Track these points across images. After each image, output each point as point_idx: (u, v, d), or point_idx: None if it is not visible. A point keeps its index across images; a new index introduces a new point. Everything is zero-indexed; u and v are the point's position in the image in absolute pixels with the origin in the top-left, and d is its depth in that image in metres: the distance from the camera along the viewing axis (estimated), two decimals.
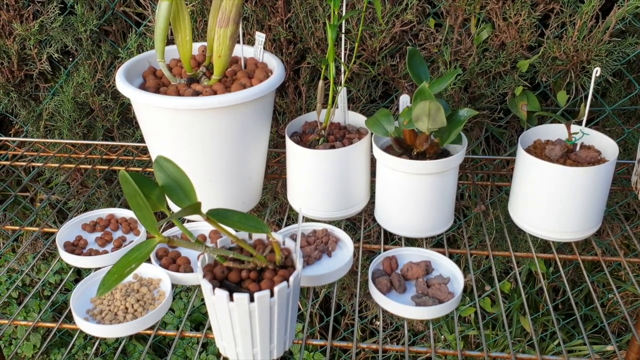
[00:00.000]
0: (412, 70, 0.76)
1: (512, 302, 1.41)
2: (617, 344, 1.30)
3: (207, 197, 0.78)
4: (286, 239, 0.61)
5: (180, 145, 0.74)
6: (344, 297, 1.44)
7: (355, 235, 1.24)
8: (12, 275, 1.58)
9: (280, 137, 1.14)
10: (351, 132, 0.84)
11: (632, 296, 1.39)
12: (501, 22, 0.96)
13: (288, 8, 1.00)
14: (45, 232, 0.98)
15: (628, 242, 1.27)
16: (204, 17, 1.02)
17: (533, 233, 0.79)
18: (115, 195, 1.24)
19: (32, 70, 1.14)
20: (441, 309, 0.67)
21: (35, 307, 1.59)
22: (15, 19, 1.08)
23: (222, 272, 0.57)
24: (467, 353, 0.69)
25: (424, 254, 0.76)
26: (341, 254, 0.77)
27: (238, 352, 0.59)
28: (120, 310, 0.69)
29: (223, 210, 0.52)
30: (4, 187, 1.36)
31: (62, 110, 1.15)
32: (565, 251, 1.20)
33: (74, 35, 1.09)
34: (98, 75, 1.12)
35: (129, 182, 0.46)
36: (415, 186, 0.75)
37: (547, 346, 1.43)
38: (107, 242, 0.81)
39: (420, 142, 0.75)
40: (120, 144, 1.09)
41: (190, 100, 0.70)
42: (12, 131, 1.28)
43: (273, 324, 0.57)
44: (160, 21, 0.73)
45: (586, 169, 0.71)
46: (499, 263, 1.30)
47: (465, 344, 1.51)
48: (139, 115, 0.78)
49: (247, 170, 0.81)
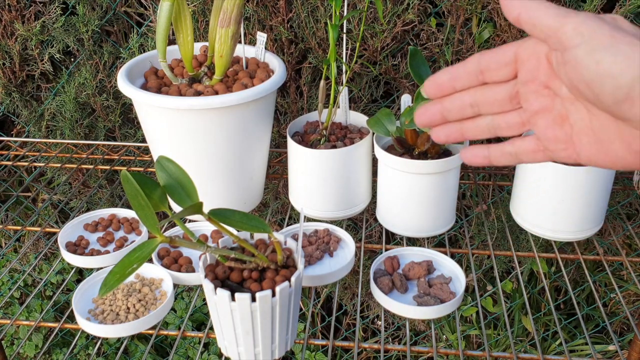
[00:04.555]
0: (413, 70, 0.76)
1: (513, 301, 1.41)
2: (619, 343, 1.30)
3: (208, 197, 0.78)
4: (288, 238, 0.61)
5: (181, 145, 0.74)
6: (346, 297, 1.44)
7: (356, 235, 1.24)
8: (14, 275, 1.59)
9: (281, 137, 1.14)
10: (353, 132, 0.84)
11: (634, 296, 1.39)
12: (503, 22, 0.96)
13: (289, 8, 1.00)
14: (47, 232, 0.98)
15: (630, 242, 1.27)
16: (205, 17, 1.03)
17: (535, 233, 0.79)
18: (117, 195, 1.24)
19: (34, 70, 1.14)
20: (443, 308, 0.67)
21: (37, 307, 1.59)
22: (17, 19, 1.08)
23: (224, 272, 0.57)
24: (469, 353, 0.69)
25: (426, 253, 0.76)
26: (343, 253, 0.77)
27: (240, 351, 0.59)
28: (122, 310, 0.69)
29: (225, 210, 0.52)
30: (6, 188, 1.36)
31: (63, 110, 1.15)
32: (567, 251, 1.20)
33: (76, 35, 1.09)
34: (100, 75, 1.12)
35: (131, 182, 0.46)
36: (417, 186, 0.75)
37: (549, 346, 1.43)
38: (109, 242, 0.81)
39: (421, 142, 0.75)
40: (122, 144, 1.09)
41: (192, 100, 0.70)
42: (14, 131, 1.28)
43: (275, 324, 0.57)
44: (162, 21, 0.73)
45: (588, 168, 0.71)
46: (500, 263, 1.30)
47: (467, 343, 1.51)
48: (140, 116, 0.78)
49: (249, 170, 0.81)
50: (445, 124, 0.42)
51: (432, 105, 0.42)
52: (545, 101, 0.38)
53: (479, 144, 0.42)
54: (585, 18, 0.34)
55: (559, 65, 0.35)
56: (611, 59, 0.32)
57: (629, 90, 0.31)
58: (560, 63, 0.35)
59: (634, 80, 0.31)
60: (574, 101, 0.37)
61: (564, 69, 0.35)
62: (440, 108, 0.41)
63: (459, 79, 0.40)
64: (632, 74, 0.31)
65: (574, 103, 0.37)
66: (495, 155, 0.42)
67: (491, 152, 0.42)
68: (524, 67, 0.38)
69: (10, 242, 0.95)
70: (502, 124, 0.41)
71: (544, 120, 0.38)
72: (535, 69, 0.37)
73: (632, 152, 0.35)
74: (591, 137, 0.36)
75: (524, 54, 0.38)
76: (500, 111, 0.40)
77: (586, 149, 0.37)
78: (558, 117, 0.38)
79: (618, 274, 1.37)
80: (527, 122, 0.40)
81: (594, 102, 0.34)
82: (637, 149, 0.35)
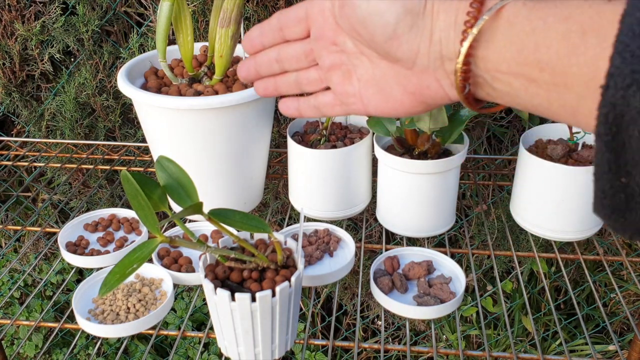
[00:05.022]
0: None
1: (513, 301, 1.41)
2: (619, 343, 1.30)
3: (208, 197, 0.78)
4: (288, 238, 0.61)
5: (181, 145, 0.74)
6: (346, 297, 1.44)
7: (356, 235, 1.24)
8: (14, 275, 1.59)
9: (281, 136, 1.14)
10: (353, 132, 0.84)
11: (634, 296, 1.39)
12: None
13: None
14: (47, 232, 0.98)
15: (630, 242, 1.27)
16: (205, 17, 1.02)
17: (535, 232, 0.79)
18: (117, 195, 1.24)
19: (34, 70, 1.14)
20: (443, 308, 0.67)
21: (37, 307, 1.59)
22: (17, 19, 1.08)
23: (224, 272, 0.57)
24: (469, 353, 0.69)
25: (426, 253, 0.76)
26: (343, 253, 0.77)
27: (240, 351, 0.59)
28: (122, 310, 0.69)
29: (225, 210, 0.52)
30: (6, 188, 1.36)
31: (63, 110, 1.15)
32: (567, 251, 1.20)
33: (76, 35, 1.09)
34: (100, 75, 1.12)
35: (131, 182, 0.46)
36: (417, 186, 0.75)
37: (549, 346, 1.43)
38: (109, 242, 0.81)
39: (421, 142, 0.75)
40: (122, 144, 1.09)
41: (192, 100, 0.70)
42: (14, 131, 1.28)
43: (275, 324, 0.57)
44: (162, 21, 0.73)
45: (588, 168, 0.71)
46: (500, 263, 1.30)
47: (467, 343, 1.51)
48: (140, 116, 0.78)
49: (249, 170, 0.81)
50: (262, 79, 0.46)
51: (248, 60, 0.45)
52: (334, 58, 0.41)
53: (293, 97, 0.46)
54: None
55: (339, 11, 0.38)
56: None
57: (394, 27, 0.35)
58: (339, 8, 0.38)
59: (398, 16, 0.34)
60: (358, 55, 0.40)
61: (342, 13, 0.38)
62: (253, 63, 0.45)
63: (265, 35, 0.44)
64: (396, 10, 0.34)
65: (359, 57, 0.40)
66: (304, 108, 0.45)
67: (300, 104, 0.46)
68: (314, 24, 0.41)
69: (10, 242, 0.94)
70: (304, 80, 0.44)
71: (336, 76, 0.42)
72: (322, 25, 0.40)
73: (408, 94, 0.38)
74: (375, 87, 0.40)
75: (312, 11, 0.41)
76: (300, 67, 0.44)
77: (372, 99, 0.40)
78: (347, 72, 0.41)
79: (618, 274, 1.37)
80: (325, 78, 0.43)
81: (371, 43, 0.37)
82: (412, 90, 0.37)
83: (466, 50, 0.33)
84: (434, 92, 0.37)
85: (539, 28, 0.30)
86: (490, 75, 0.33)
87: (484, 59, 0.33)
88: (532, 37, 0.30)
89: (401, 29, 0.34)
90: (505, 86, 0.33)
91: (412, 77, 0.37)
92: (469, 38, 0.33)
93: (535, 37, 0.30)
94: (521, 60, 0.31)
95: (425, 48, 0.35)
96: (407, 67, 0.36)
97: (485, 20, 0.32)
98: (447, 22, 0.34)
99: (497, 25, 0.32)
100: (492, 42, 0.32)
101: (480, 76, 0.34)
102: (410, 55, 0.35)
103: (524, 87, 0.32)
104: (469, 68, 0.34)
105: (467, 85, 0.34)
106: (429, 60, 0.35)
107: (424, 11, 0.34)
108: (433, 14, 0.34)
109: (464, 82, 0.34)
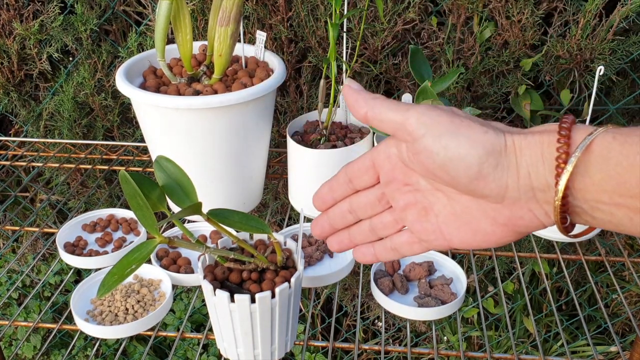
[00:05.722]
0: (414, 69, 0.76)
1: (515, 302, 1.40)
2: (621, 344, 1.30)
3: (207, 197, 0.77)
4: (287, 239, 0.60)
5: (180, 145, 0.74)
6: (346, 298, 1.43)
7: None
8: (12, 276, 1.58)
9: (281, 136, 1.14)
10: (353, 132, 0.83)
11: (636, 296, 1.38)
12: (504, 21, 0.95)
13: (289, 7, 1.00)
14: (45, 233, 0.98)
15: (632, 242, 1.26)
16: (204, 16, 1.02)
17: (536, 233, 0.79)
18: (116, 195, 1.23)
19: (32, 69, 1.14)
20: (444, 309, 0.66)
21: (36, 308, 1.59)
22: (15, 19, 1.07)
23: (223, 272, 0.56)
24: (470, 354, 0.68)
25: (427, 254, 0.76)
26: (343, 254, 0.76)
27: (239, 353, 0.59)
28: (121, 311, 0.68)
29: (224, 211, 0.52)
30: (4, 188, 1.35)
31: (62, 110, 1.15)
32: (568, 251, 1.20)
33: (74, 34, 1.08)
34: (98, 74, 1.12)
35: (129, 182, 0.45)
36: None
37: (550, 347, 1.43)
38: (107, 243, 0.80)
39: None
40: (121, 143, 1.09)
41: (191, 100, 0.69)
42: (12, 131, 1.27)
43: (274, 325, 0.56)
44: (161, 20, 0.73)
45: None
46: (502, 263, 1.29)
47: (468, 345, 1.51)
48: (139, 115, 0.78)
49: (248, 170, 0.80)
50: (336, 233, 0.46)
51: (320, 217, 0.45)
52: (408, 197, 0.41)
53: (368, 243, 0.45)
54: (425, 109, 0.37)
55: (412, 157, 0.38)
56: (455, 142, 0.35)
57: (478, 168, 0.35)
58: (412, 154, 0.38)
59: (480, 159, 0.35)
60: (434, 192, 0.40)
61: (417, 159, 0.37)
62: (326, 218, 0.45)
63: (335, 190, 0.44)
64: (477, 153, 0.35)
65: (434, 193, 0.40)
66: (380, 252, 0.45)
67: (376, 249, 0.45)
68: (382, 170, 0.41)
69: (8, 242, 0.94)
70: (379, 225, 0.44)
71: (411, 215, 0.41)
72: (391, 170, 0.41)
73: (499, 225, 0.37)
74: (457, 222, 0.39)
75: (379, 159, 0.41)
76: (374, 213, 0.44)
77: (455, 234, 0.40)
78: (422, 210, 0.41)
79: (620, 275, 1.37)
80: (399, 219, 0.43)
81: (453, 184, 0.37)
82: (503, 222, 0.37)
83: (564, 186, 0.33)
84: (527, 221, 0.36)
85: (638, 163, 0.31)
86: (589, 205, 0.34)
87: (582, 190, 0.33)
88: (632, 172, 0.31)
89: (486, 169, 0.35)
90: (606, 215, 0.33)
91: (503, 210, 0.37)
92: (565, 175, 0.33)
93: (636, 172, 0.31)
94: (623, 192, 0.32)
95: (514, 183, 0.35)
96: (495, 201, 0.36)
97: (578, 157, 0.32)
98: (534, 157, 0.34)
99: (589, 159, 0.32)
100: (587, 175, 0.33)
101: (578, 206, 0.34)
102: (500, 192, 0.35)
103: (629, 218, 0.32)
104: (567, 200, 0.34)
105: (568, 217, 0.35)
106: (519, 193, 0.35)
107: (506, 149, 0.35)
108: (516, 150, 0.34)
109: (563, 214, 0.34)
